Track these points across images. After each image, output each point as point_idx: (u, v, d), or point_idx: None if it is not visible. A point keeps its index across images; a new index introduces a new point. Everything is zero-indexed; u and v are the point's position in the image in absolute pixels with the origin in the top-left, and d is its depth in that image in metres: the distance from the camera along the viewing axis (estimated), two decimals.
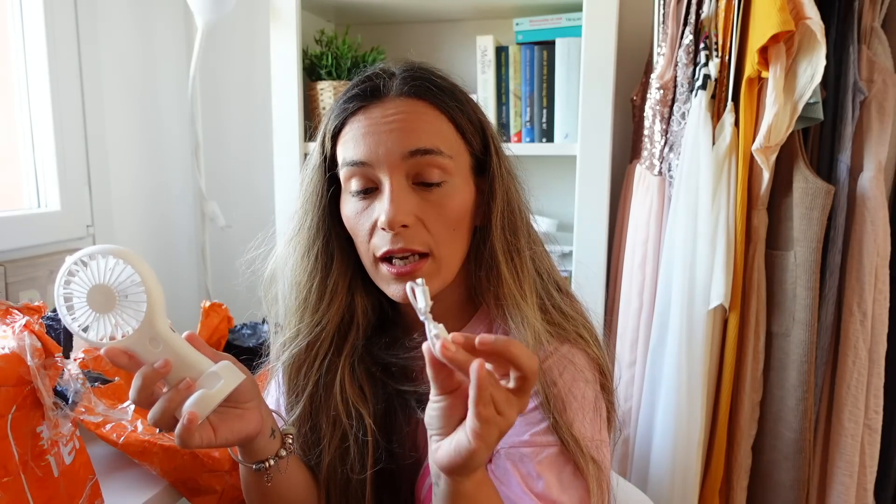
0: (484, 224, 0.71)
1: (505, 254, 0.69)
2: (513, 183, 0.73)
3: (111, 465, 0.86)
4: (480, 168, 0.72)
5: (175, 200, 1.65)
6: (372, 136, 0.67)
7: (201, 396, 0.58)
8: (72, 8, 1.30)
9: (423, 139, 0.66)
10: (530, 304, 0.68)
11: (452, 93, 0.70)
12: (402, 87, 0.68)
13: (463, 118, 0.69)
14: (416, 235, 0.67)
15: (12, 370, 0.64)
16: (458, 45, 1.64)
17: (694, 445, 1.24)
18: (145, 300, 0.58)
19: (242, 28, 1.67)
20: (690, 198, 1.23)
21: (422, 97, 0.68)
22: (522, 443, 0.66)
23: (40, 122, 1.27)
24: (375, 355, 0.75)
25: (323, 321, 0.74)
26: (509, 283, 0.68)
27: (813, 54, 1.13)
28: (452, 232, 0.69)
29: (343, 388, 0.73)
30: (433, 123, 0.68)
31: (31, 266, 1.18)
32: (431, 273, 0.68)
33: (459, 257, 0.71)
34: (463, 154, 0.70)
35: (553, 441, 0.65)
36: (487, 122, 0.73)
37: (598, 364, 0.72)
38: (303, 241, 0.75)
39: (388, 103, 0.68)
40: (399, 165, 0.66)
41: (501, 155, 0.72)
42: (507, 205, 0.70)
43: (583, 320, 0.73)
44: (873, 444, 1.22)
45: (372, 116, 0.67)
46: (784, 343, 1.24)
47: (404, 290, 0.58)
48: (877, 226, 1.18)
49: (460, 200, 0.69)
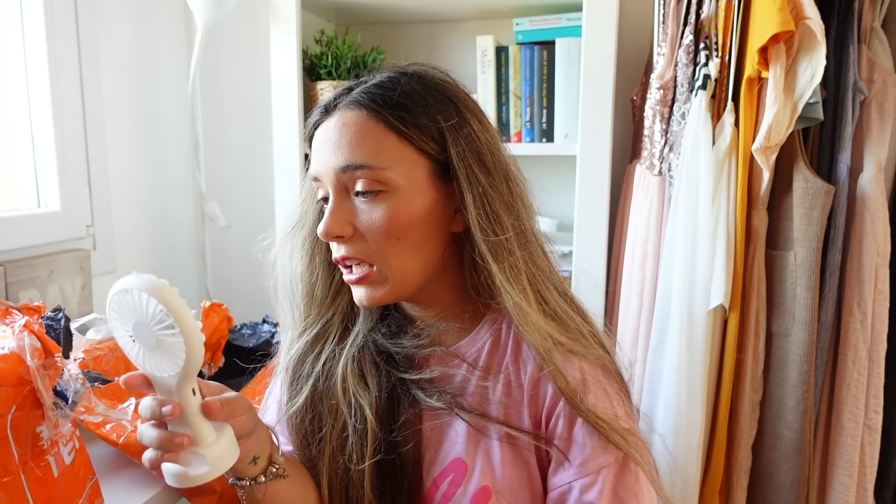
0: (466, 229, 0.71)
1: (493, 255, 0.68)
2: (490, 181, 0.70)
3: (111, 465, 0.86)
4: (447, 171, 0.71)
5: (175, 200, 1.65)
6: (319, 152, 0.71)
7: (180, 473, 0.59)
8: (72, 8, 1.30)
9: (352, 155, 0.68)
10: (532, 305, 0.68)
11: (397, 101, 0.69)
12: (347, 99, 0.70)
13: (409, 127, 0.68)
14: (354, 245, 0.69)
15: (12, 370, 0.64)
16: (458, 45, 1.64)
17: (694, 445, 1.24)
18: (183, 361, 0.56)
19: (242, 28, 1.67)
20: (690, 198, 1.23)
21: (363, 109, 0.69)
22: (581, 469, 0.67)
23: (40, 122, 1.27)
24: (379, 344, 0.76)
25: (328, 314, 0.77)
26: (506, 286, 0.68)
27: (813, 54, 1.13)
28: (397, 241, 0.69)
29: (345, 376, 0.74)
30: (370, 137, 0.68)
31: (31, 266, 1.18)
32: (378, 281, 0.70)
33: (417, 266, 0.70)
34: (413, 161, 0.69)
35: (603, 462, 0.66)
36: (454, 125, 0.69)
37: (606, 363, 0.72)
38: (306, 238, 0.77)
39: (334, 117, 0.70)
40: (336, 180, 0.69)
41: (467, 156, 0.69)
42: (483, 207, 0.68)
43: (582, 321, 0.73)
44: (873, 444, 1.22)
45: (322, 130, 0.71)
46: (784, 343, 1.24)
47: (358, 297, 0.71)
48: (877, 226, 1.18)
49: (406, 210, 0.68)
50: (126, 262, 1.49)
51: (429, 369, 0.73)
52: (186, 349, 0.55)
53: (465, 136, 0.70)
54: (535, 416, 0.70)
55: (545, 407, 0.69)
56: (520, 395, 0.71)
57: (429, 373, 0.73)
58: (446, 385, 0.73)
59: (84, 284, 1.30)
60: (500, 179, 0.71)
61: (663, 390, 1.26)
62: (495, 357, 0.73)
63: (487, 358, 0.73)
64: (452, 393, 0.72)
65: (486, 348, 0.74)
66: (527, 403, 0.70)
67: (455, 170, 0.69)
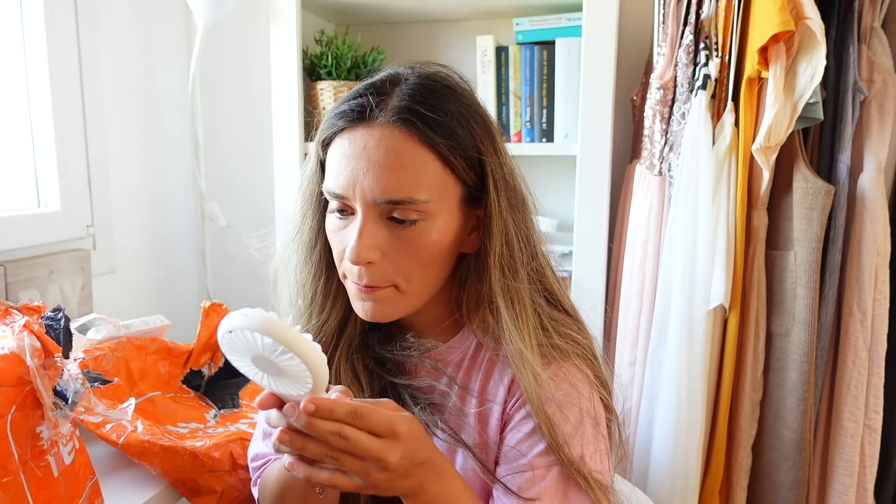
0: (476, 252, 0.70)
1: (506, 297, 0.68)
2: (513, 214, 0.69)
3: (111, 465, 0.86)
4: (474, 198, 0.69)
5: (175, 200, 1.65)
6: (350, 170, 0.65)
7: None
8: (72, 8, 1.30)
9: (399, 189, 0.63)
10: (530, 347, 0.68)
11: (448, 127, 0.65)
12: (391, 114, 0.64)
13: (457, 157, 0.65)
14: (380, 272, 0.67)
15: (12, 370, 0.64)
16: (458, 45, 1.64)
17: (694, 445, 1.24)
18: (311, 382, 0.55)
19: (242, 28, 1.67)
20: (690, 198, 1.23)
21: (411, 129, 0.64)
22: (525, 466, 0.67)
23: (40, 122, 1.27)
24: (371, 348, 0.77)
25: (326, 318, 0.76)
26: (511, 328, 0.67)
27: (813, 54, 1.13)
28: (424, 268, 0.68)
29: (339, 379, 0.74)
30: (415, 165, 0.64)
31: (31, 266, 1.18)
32: (391, 299, 0.69)
33: (432, 287, 0.70)
34: (451, 189, 0.67)
35: (554, 461, 0.66)
36: (492, 157, 0.68)
37: (596, 381, 0.72)
38: (304, 243, 0.76)
39: (375, 130, 0.65)
40: (372, 207, 0.65)
41: (501, 190, 0.68)
42: (506, 244, 0.68)
43: (579, 338, 0.73)
44: (873, 444, 1.22)
45: (355, 142, 0.65)
46: (784, 343, 1.24)
47: (365, 310, 0.69)
48: (876, 226, 1.18)
49: (438, 237, 0.67)
50: (126, 262, 1.49)
51: (418, 378, 0.74)
52: (311, 371, 0.54)
53: (500, 167, 0.69)
54: (504, 418, 0.71)
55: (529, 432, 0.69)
56: (494, 412, 0.71)
57: (418, 381, 0.73)
58: (431, 395, 0.74)
59: (84, 284, 1.30)
60: (519, 209, 0.70)
61: (663, 390, 1.26)
62: (475, 364, 0.74)
63: (469, 364, 0.74)
64: (434, 405, 0.73)
65: (468, 353, 0.74)
66: (499, 415, 0.71)
67: (491, 202, 0.67)
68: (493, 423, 0.71)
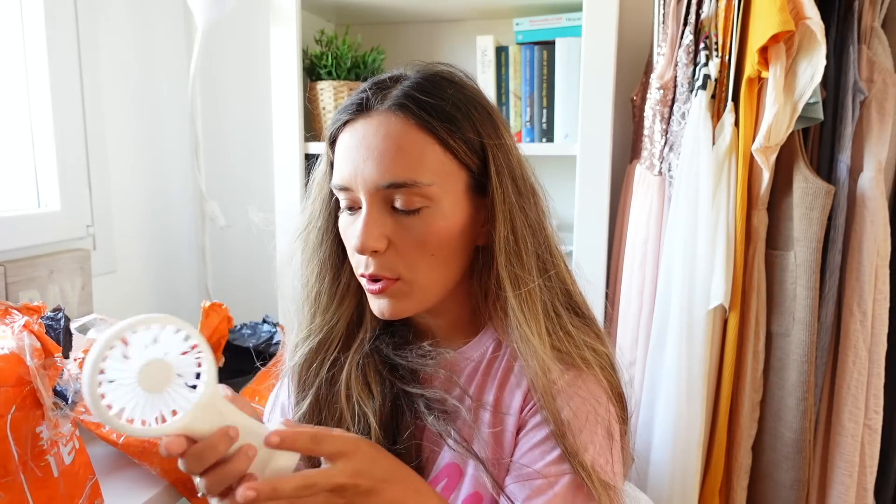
0: (488, 244, 0.69)
1: (513, 283, 0.67)
2: (521, 201, 0.69)
3: (111, 465, 0.86)
4: (483, 187, 0.69)
5: (175, 200, 1.65)
6: (352, 160, 0.66)
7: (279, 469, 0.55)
8: (72, 8, 1.30)
9: (399, 172, 0.64)
10: (537, 335, 0.67)
11: (444, 110, 0.66)
12: (389, 102, 0.66)
13: (456, 140, 0.66)
14: (386, 261, 0.67)
15: (12, 370, 0.64)
16: (458, 45, 1.64)
17: (694, 445, 1.24)
18: (207, 370, 0.51)
19: (242, 28, 1.67)
20: (690, 198, 1.23)
21: (409, 116, 0.65)
22: (535, 473, 0.66)
23: (40, 122, 1.27)
24: (384, 354, 0.75)
25: (333, 320, 0.75)
26: (518, 315, 0.67)
27: (813, 54, 1.13)
28: (430, 257, 0.67)
29: (349, 384, 0.73)
30: (414, 149, 0.64)
31: (31, 266, 1.18)
32: (401, 294, 0.68)
33: (444, 280, 0.70)
34: (454, 175, 0.67)
35: (566, 469, 0.65)
36: (493, 140, 0.68)
37: (611, 390, 0.71)
38: (312, 242, 0.75)
39: (373, 119, 0.66)
40: (375, 194, 0.65)
41: (505, 175, 0.68)
42: (512, 231, 0.67)
43: (595, 344, 0.72)
44: (873, 444, 1.22)
45: (356, 133, 0.67)
46: (784, 343, 1.24)
47: (380, 309, 0.68)
48: (877, 226, 1.18)
49: (444, 225, 0.66)
50: (126, 262, 1.49)
51: (432, 389, 0.72)
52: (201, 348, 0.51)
53: (504, 152, 0.69)
54: (519, 423, 0.70)
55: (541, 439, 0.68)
56: (509, 424, 0.70)
57: (431, 393, 0.71)
58: (445, 404, 0.72)
59: (84, 284, 1.30)
60: (528, 198, 0.70)
61: (663, 390, 1.26)
62: (490, 370, 0.73)
63: (483, 373, 0.73)
64: (447, 413, 0.71)
65: (486, 356, 0.73)
66: (513, 427, 0.70)
67: (493, 187, 0.67)
68: (508, 436, 0.70)
